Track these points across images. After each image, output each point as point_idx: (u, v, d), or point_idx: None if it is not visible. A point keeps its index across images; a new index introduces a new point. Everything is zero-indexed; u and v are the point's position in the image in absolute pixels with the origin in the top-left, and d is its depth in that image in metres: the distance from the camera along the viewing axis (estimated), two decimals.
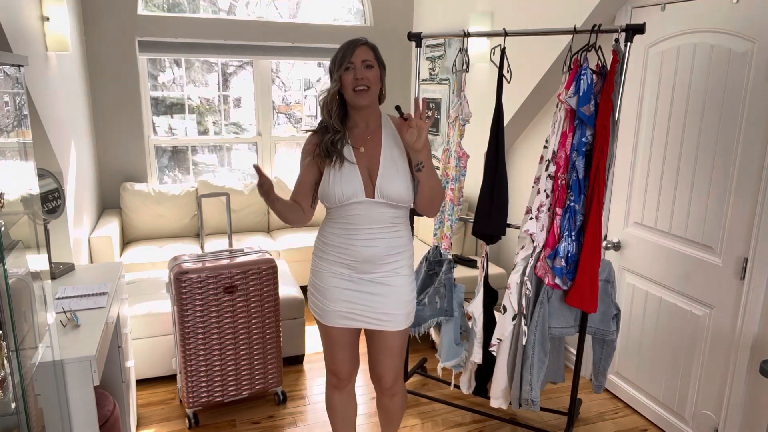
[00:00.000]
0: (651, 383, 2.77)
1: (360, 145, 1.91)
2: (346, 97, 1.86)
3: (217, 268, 2.59)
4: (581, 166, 2.17)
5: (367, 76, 1.82)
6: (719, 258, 2.35)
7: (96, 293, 2.21)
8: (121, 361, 2.40)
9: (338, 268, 1.94)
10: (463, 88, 2.68)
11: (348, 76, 1.82)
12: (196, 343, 2.60)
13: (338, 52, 1.85)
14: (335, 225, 1.93)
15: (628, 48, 2.07)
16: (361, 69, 1.81)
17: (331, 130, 1.89)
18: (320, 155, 1.89)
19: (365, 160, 1.89)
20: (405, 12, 4.82)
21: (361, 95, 1.83)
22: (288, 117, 5.12)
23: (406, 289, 1.96)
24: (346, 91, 1.84)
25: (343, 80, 1.83)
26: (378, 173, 1.86)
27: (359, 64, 1.82)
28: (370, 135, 1.92)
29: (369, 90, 1.83)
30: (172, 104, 4.58)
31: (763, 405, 2.23)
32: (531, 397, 2.38)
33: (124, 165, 4.30)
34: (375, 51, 1.88)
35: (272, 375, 2.83)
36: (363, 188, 1.86)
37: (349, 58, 1.81)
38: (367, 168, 1.88)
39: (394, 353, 2.02)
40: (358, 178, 1.86)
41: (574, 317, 2.43)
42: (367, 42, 1.86)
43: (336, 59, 1.85)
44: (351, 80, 1.82)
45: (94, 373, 1.77)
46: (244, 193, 4.37)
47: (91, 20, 3.99)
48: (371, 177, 1.87)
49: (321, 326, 2.05)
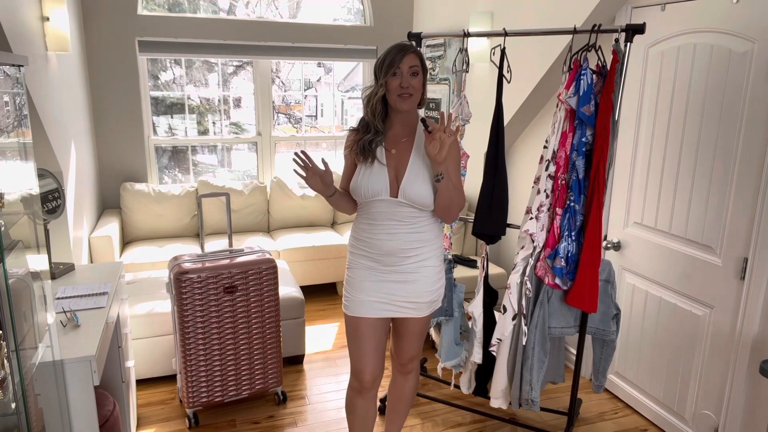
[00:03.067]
0: (651, 383, 2.77)
1: (393, 147, 2.00)
2: (390, 100, 1.94)
3: (217, 268, 2.59)
4: (581, 166, 2.18)
5: (413, 84, 1.90)
6: (719, 258, 2.35)
7: (96, 293, 2.21)
8: (121, 361, 2.40)
9: (366, 261, 2.05)
10: (463, 88, 2.68)
11: (394, 81, 1.89)
12: (196, 343, 2.60)
13: (386, 56, 1.91)
14: (362, 220, 2.05)
15: (628, 48, 2.08)
16: (408, 76, 1.89)
17: (371, 129, 1.98)
18: (356, 151, 2.00)
19: (394, 162, 1.99)
20: (405, 12, 4.82)
21: (405, 100, 1.91)
22: (288, 117, 5.12)
23: (430, 279, 2.05)
24: (390, 96, 1.93)
25: (389, 84, 1.91)
26: (404, 176, 1.95)
27: (406, 71, 1.89)
28: (405, 138, 2.01)
29: (412, 96, 1.92)
30: (172, 104, 4.58)
31: (763, 405, 2.23)
32: (531, 397, 2.39)
33: (124, 165, 4.30)
34: (421, 58, 1.95)
35: (272, 375, 2.83)
36: (388, 188, 1.96)
37: (398, 64, 1.88)
38: (395, 169, 1.98)
39: (415, 337, 2.16)
40: (386, 178, 1.96)
41: (574, 317, 2.43)
42: (415, 50, 1.93)
43: (383, 63, 1.91)
44: (396, 86, 1.90)
45: (94, 373, 1.77)
46: (244, 193, 4.37)
47: (91, 20, 3.99)
48: (398, 178, 1.96)
49: (349, 320, 2.10)
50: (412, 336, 2.14)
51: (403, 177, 1.95)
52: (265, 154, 4.79)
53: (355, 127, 2.07)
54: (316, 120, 5.19)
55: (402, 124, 2.00)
